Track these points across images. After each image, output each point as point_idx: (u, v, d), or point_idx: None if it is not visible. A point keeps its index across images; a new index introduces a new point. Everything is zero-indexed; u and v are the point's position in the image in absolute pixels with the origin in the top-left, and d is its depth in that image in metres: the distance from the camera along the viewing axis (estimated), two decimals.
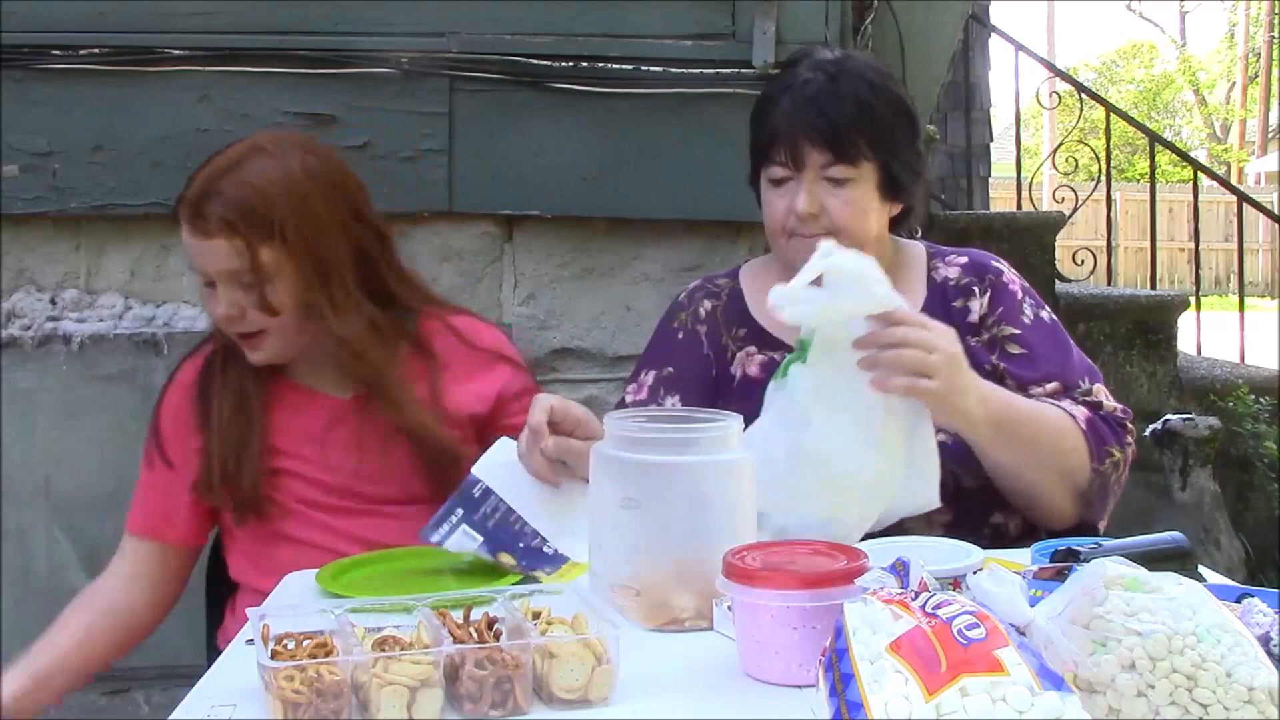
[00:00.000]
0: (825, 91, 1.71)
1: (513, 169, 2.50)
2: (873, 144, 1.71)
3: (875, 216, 1.76)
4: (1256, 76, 25.37)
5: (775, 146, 1.73)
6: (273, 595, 1.53)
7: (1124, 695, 0.94)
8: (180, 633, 2.42)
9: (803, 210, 1.71)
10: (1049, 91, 6.13)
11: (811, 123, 1.69)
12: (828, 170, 1.71)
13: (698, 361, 1.85)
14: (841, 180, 1.71)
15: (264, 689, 1.07)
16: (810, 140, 1.70)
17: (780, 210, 1.75)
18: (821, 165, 1.71)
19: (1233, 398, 4.41)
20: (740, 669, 1.19)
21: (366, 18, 2.48)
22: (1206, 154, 25.72)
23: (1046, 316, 1.80)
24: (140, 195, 2.47)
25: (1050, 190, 6.22)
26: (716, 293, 1.91)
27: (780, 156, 1.72)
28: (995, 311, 1.78)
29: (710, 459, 1.33)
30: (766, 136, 1.75)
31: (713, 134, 2.49)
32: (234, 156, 1.72)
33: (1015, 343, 1.75)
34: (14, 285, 2.51)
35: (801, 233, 1.73)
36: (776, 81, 1.80)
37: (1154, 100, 29.24)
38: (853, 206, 1.72)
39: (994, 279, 1.81)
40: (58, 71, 2.44)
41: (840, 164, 1.70)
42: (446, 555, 1.57)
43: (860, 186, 1.72)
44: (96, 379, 2.49)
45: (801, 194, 1.71)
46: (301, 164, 1.73)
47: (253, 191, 1.69)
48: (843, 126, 1.69)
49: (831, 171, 1.71)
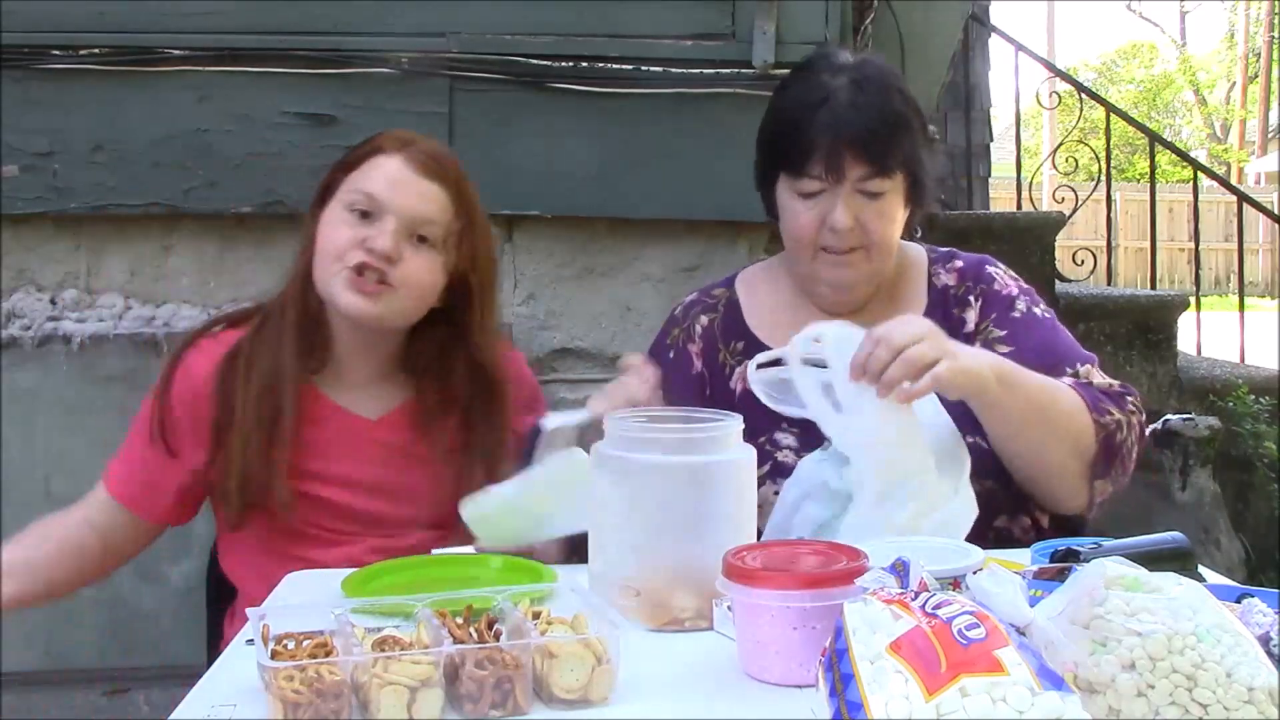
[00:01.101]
0: (861, 102, 1.67)
1: (513, 169, 2.50)
2: (905, 155, 1.69)
3: (899, 226, 1.75)
4: (1256, 76, 25.38)
5: (812, 159, 1.67)
6: (273, 595, 1.53)
7: (1124, 695, 0.94)
8: (180, 633, 2.42)
9: (842, 225, 1.68)
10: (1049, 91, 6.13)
11: (855, 136, 1.66)
12: (865, 183, 1.68)
13: (689, 381, 1.84)
14: (876, 193, 1.69)
15: (264, 689, 1.07)
16: (852, 153, 1.66)
17: (811, 223, 1.70)
18: (859, 178, 1.68)
19: (1233, 398, 4.41)
20: (740, 669, 1.19)
21: (366, 18, 2.48)
22: (1206, 154, 25.73)
23: (1040, 312, 1.80)
24: (140, 195, 2.47)
25: (1050, 190, 6.22)
26: (713, 305, 1.89)
27: (816, 170, 1.67)
28: (987, 318, 1.79)
29: (710, 459, 1.33)
30: (801, 148, 1.68)
31: (713, 134, 2.49)
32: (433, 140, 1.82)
33: (1003, 342, 1.76)
34: (14, 285, 2.51)
35: (835, 247, 1.71)
36: (799, 88, 1.75)
37: (1154, 100, 29.24)
38: (885, 218, 1.71)
39: (986, 286, 1.81)
40: (58, 71, 2.44)
41: (878, 176, 1.68)
42: (473, 563, 1.58)
43: (891, 198, 1.71)
44: (96, 379, 2.48)
45: (839, 208, 1.68)
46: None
47: (463, 174, 1.77)
48: (882, 139, 1.67)
49: (869, 184, 1.68)
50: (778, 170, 1.74)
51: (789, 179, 1.72)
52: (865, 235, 1.70)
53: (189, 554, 2.45)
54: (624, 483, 1.33)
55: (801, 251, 1.74)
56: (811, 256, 1.74)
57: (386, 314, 1.72)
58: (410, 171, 1.71)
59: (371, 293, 1.69)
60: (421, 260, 1.71)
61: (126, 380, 2.48)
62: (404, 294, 1.71)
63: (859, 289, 1.78)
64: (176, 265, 2.56)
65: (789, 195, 1.73)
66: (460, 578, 1.55)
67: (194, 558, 2.42)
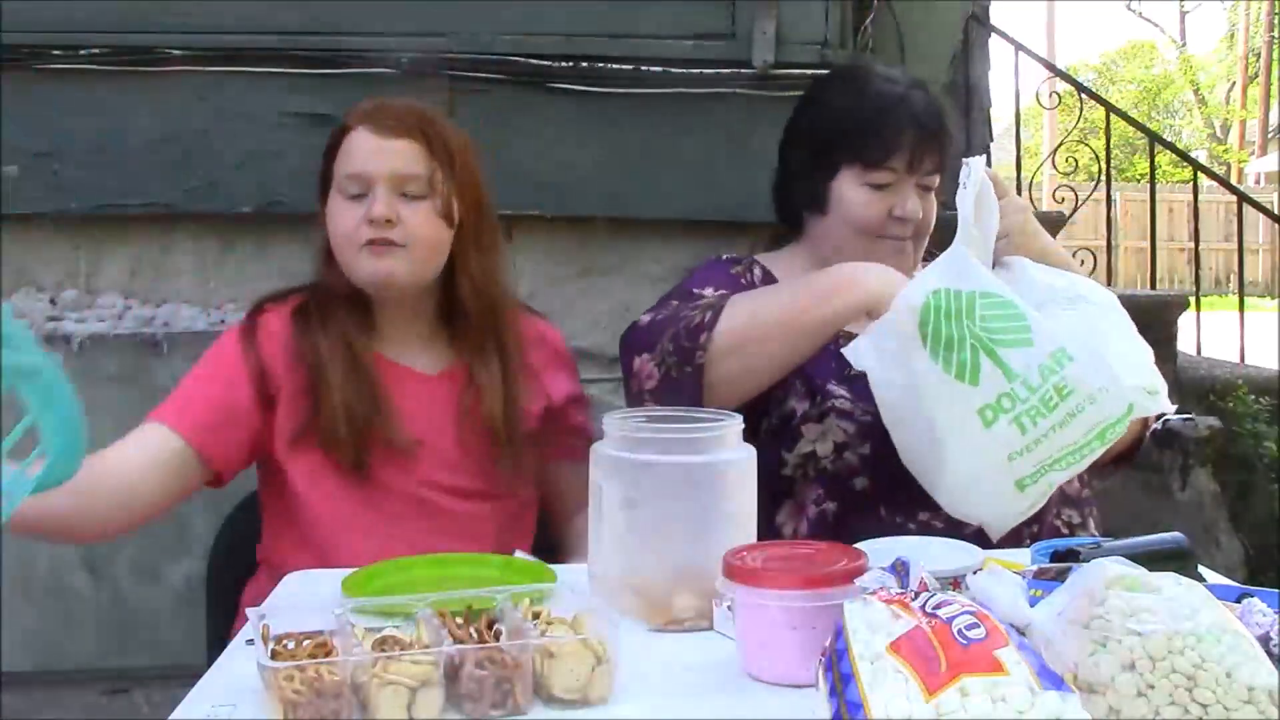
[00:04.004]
0: (931, 103, 1.85)
1: (513, 169, 2.50)
2: (949, 154, 1.86)
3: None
4: (1256, 76, 25.38)
5: (896, 151, 1.80)
6: (273, 595, 1.53)
7: (1124, 695, 0.94)
8: (180, 633, 2.42)
9: (913, 213, 1.82)
10: (1049, 91, 6.12)
11: (932, 133, 1.82)
12: (928, 177, 1.84)
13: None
14: (930, 186, 1.85)
15: (264, 689, 1.07)
16: (928, 148, 1.82)
17: (879, 211, 1.82)
18: (926, 171, 1.83)
19: (1233, 398, 4.41)
20: (740, 669, 1.19)
21: (366, 18, 2.48)
22: (1206, 154, 25.74)
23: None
24: (140, 195, 2.47)
25: (1050, 190, 6.22)
26: (754, 265, 1.94)
27: (896, 162, 1.81)
28: None
29: (710, 459, 1.33)
30: (885, 141, 1.81)
31: (713, 134, 2.49)
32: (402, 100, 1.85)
33: None
34: (14, 285, 2.51)
35: (896, 235, 1.84)
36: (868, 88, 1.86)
37: (1154, 100, 29.26)
38: (933, 210, 1.87)
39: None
40: (58, 71, 2.44)
41: (937, 172, 1.85)
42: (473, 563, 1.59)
43: (935, 193, 1.88)
44: (96, 379, 2.48)
45: (911, 198, 1.83)
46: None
47: (436, 116, 1.82)
48: (944, 137, 1.85)
49: (929, 179, 1.85)
50: (850, 162, 1.83)
51: (863, 170, 1.82)
52: (923, 224, 1.85)
53: (189, 554, 2.45)
54: (624, 483, 1.33)
55: (862, 235, 1.84)
56: (871, 244, 1.83)
57: (402, 272, 1.77)
58: (379, 138, 1.77)
59: (382, 255, 1.76)
60: (417, 214, 1.77)
61: (126, 380, 2.48)
62: (413, 249, 1.77)
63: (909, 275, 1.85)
64: (176, 265, 2.56)
65: (855, 186, 1.83)
66: (460, 577, 1.55)
67: (194, 558, 2.42)
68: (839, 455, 1.74)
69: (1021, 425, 1.45)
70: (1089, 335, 1.51)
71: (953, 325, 1.49)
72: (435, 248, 1.79)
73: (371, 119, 1.78)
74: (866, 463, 1.71)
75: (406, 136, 1.77)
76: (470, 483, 1.81)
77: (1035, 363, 1.46)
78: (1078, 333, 1.50)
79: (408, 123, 1.78)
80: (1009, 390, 1.46)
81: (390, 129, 1.77)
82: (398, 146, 1.77)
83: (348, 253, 1.77)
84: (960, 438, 1.50)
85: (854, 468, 1.73)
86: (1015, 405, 1.45)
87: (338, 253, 1.79)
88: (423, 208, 1.77)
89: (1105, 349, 1.50)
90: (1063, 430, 1.46)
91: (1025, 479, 1.50)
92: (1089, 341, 1.49)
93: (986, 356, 1.47)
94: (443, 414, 1.82)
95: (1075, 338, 1.48)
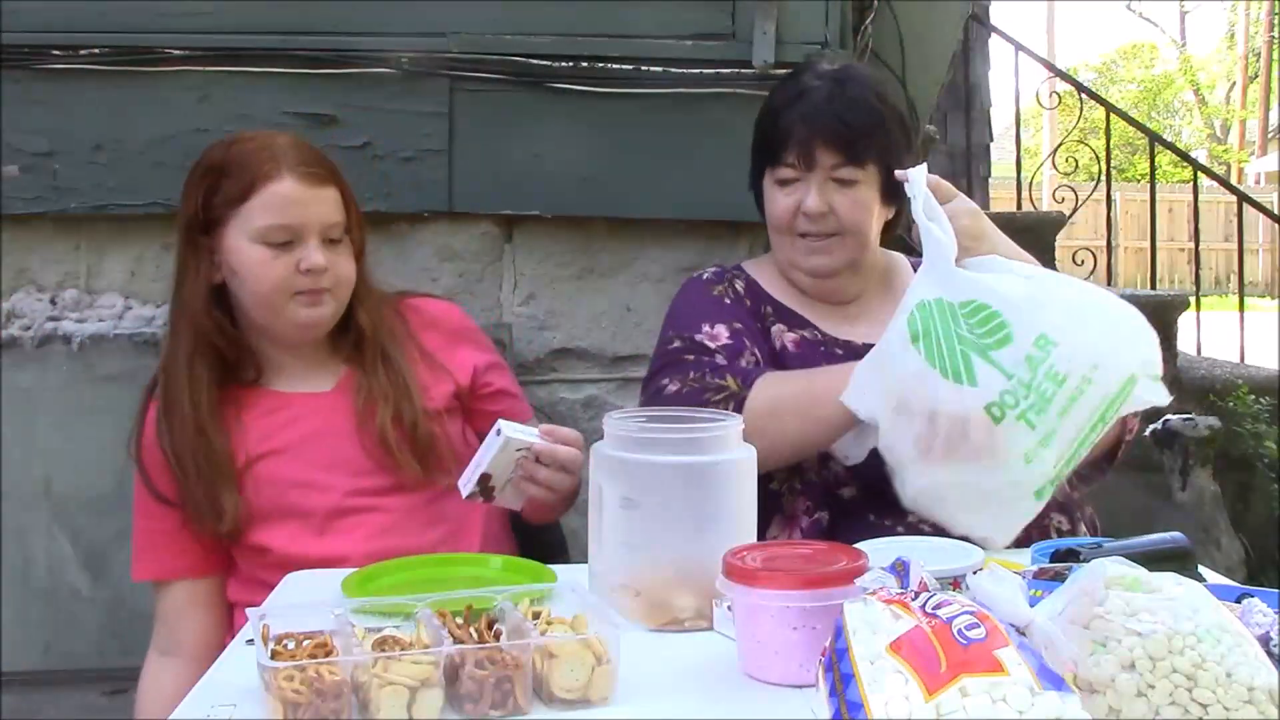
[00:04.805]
0: (836, 95, 1.80)
1: (513, 169, 2.50)
2: (878, 148, 1.79)
3: (876, 219, 1.84)
4: (1256, 76, 25.37)
5: (787, 148, 1.79)
6: (273, 595, 1.53)
7: (1124, 695, 0.94)
8: None
9: (813, 208, 1.79)
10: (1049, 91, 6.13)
11: (825, 125, 1.77)
12: (837, 171, 1.78)
13: (755, 322, 1.88)
14: (849, 181, 1.79)
15: (264, 689, 1.07)
16: (823, 141, 1.77)
17: (787, 208, 1.81)
18: (831, 166, 1.78)
19: (1233, 398, 4.41)
20: (740, 669, 1.19)
21: (366, 18, 2.48)
22: (1206, 154, 25.72)
23: None
24: (140, 195, 2.47)
25: (1050, 190, 6.22)
26: (735, 276, 1.94)
27: (790, 157, 1.79)
28: None
29: (710, 459, 1.33)
30: (778, 138, 1.81)
31: (713, 134, 2.49)
32: (284, 135, 1.87)
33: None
34: (14, 285, 2.51)
35: (810, 231, 1.81)
36: (782, 89, 1.87)
37: (1154, 100, 29.24)
38: (858, 206, 1.80)
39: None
40: (58, 71, 2.43)
41: (849, 165, 1.78)
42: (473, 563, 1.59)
43: (864, 188, 1.80)
44: (96, 379, 2.48)
45: (812, 193, 1.79)
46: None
47: (326, 156, 1.85)
48: (853, 129, 1.77)
49: (840, 172, 1.78)
50: (763, 162, 1.86)
51: (770, 169, 1.84)
52: (838, 221, 1.80)
53: None
54: (624, 483, 1.33)
55: (780, 235, 1.85)
56: (790, 243, 1.84)
57: (329, 316, 1.83)
58: (306, 187, 1.78)
59: (319, 303, 1.79)
60: (341, 257, 1.81)
61: (126, 380, 2.48)
62: (337, 291, 1.82)
63: (837, 277, 1.87)
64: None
65: (770, 185, 1.85)
66: (460, 577, 1.55)
67: None
68: (824, 466, 1.74)
69: (1029, 421, 1.44)
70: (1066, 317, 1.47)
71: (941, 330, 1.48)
72: (351, 285, 1.84)
73: (292, 168, 1.77)
74: (852, 472, 1.71)
75: (330, 184, 1.81)
76: (392, 479, 1.81)
77: (1021, 355, 1.45)
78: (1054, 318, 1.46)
79: (326, 168, 1.82)
80: (1009, 388, 1.45)
81: (317, 178, 1.79)
82: (325, 195, 1.79)
83: (275, 300, 1.77)
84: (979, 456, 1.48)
85: (840, 478, 1.74)
86: (1019, 402, 1.44)
87: (260, 301, 1.79)
88: (342, 251, 1.81)
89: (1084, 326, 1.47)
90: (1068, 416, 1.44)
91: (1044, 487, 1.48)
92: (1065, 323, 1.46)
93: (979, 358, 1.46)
94: (345, 423, 1.83)
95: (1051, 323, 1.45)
